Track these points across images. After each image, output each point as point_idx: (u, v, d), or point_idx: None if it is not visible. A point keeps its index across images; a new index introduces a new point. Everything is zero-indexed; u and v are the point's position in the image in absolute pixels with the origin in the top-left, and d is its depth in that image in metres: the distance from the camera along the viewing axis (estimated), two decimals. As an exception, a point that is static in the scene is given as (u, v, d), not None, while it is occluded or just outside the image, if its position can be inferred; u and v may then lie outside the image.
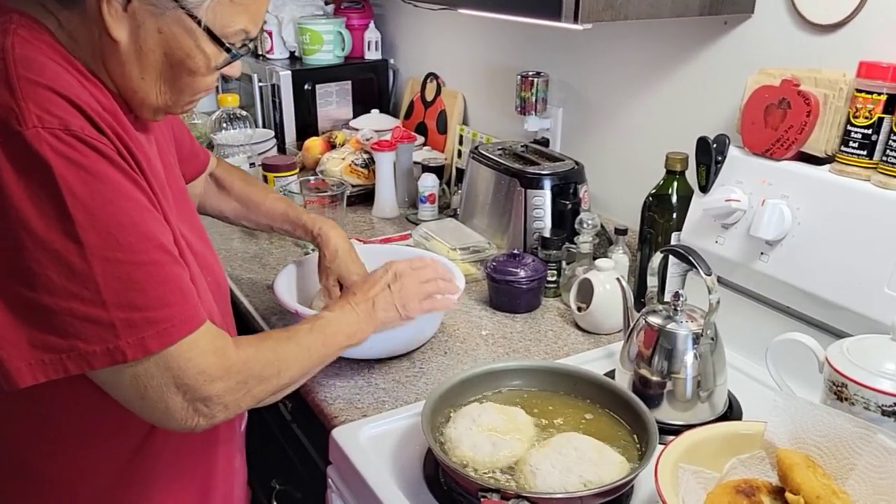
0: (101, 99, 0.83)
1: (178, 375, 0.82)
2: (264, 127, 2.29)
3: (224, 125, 1.99)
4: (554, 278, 1.50)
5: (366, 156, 2.00)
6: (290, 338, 0.99)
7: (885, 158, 1.05)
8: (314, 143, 2.13)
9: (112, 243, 0.77)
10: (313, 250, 1.65)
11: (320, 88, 2.26)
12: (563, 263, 1.50)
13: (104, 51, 0.84)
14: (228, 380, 0.86)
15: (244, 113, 2.03)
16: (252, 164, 1.94)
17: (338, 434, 1.08)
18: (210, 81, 0.91)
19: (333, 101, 2.29)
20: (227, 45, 0.87)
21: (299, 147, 2.19)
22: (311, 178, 1.87)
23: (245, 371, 0.89)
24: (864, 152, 1.07)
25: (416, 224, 1.78)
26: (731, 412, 1.12)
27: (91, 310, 0.76)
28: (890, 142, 1.04)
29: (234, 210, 1.38)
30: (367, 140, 2.00)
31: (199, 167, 1.30)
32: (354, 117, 2.29)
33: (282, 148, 2.23)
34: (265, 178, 1.90)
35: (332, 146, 2.13)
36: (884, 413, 0.91)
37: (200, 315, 0.85)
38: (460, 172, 1.87)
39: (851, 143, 1.08)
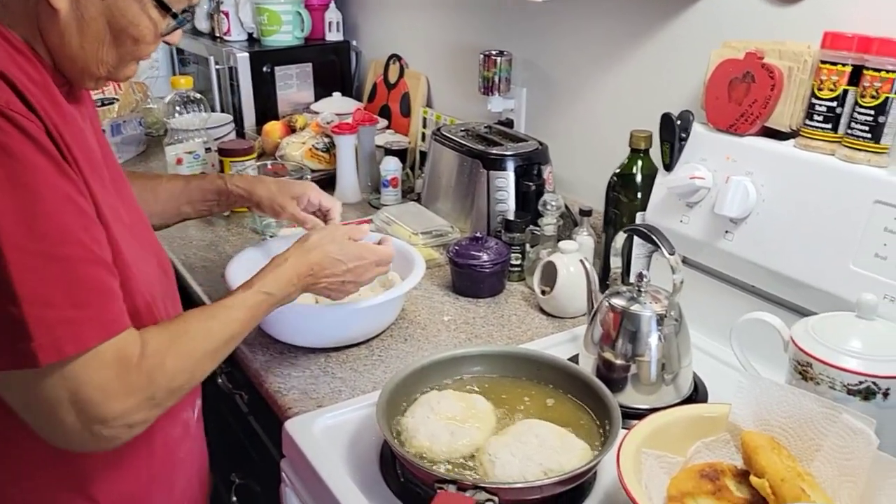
0: (30, 72, 0.79)
1: (76, 389, 0.74)
2: (222, 111, 2.22)
3: (178, 109, 1.93)
4: (518, 262, 1.46)
5: (327, 140, 1.95)
6: (213, 330, 0.89)
7: (849, 131, 1.02)
8: (274, 128, 2.07)
9: (26, 232, 0.71)
10: (272, 236, 1.60)
11: (279, 71, 2.20)
12: (527, 246, 1.46)
13: (41, 20, 0.79)
14: (129, 397, 0.78)
15: (198, 96, 1.96)
16: (208, 150, 1.88)
17: (291, 426, 1.04)
18: (152, 49, 0.87)
19: (294, 84, 2.23)
20: (173, 11, 0.84)
21: (258, 132, 2.13)
22: (269, 162, 1.81)
23: (151, 387, 0.80)
24: (829, 126, 1.05)
25: (379, 209, 1.74)
26: (697, 395, 1.09)
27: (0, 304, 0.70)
28: (855, 114, 1.01)
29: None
30: (328, 123, 1.94)
31: None
32: (316, 101, 2.23)
33: (240, 132, 2.17)
34: (221, 164, 1.84)
35: (292, 130, 2.07)
36: (849, 392, 0.88)
37: (122, 321, 0.78)
38: (424, 156, 1.82)
39: (816, 117, 1.06)
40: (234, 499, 1.42)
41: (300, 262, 1.03)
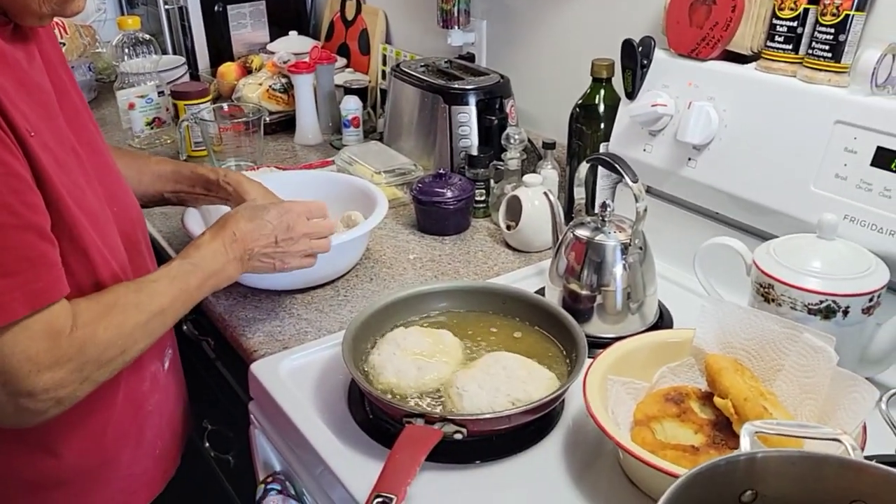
0: None
1: (1, 362, 0.71)
2: (174, 53, 2.15)
3: (128, 52, 1.85)
4: (482, 198, 1.45)
5: (284, 80, 1.90)
6: (142, 303, 0.85)
7: (810, 52, 1.01)
8: (229, 69, 2.00)
9: None
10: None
11: (232, 10, 2.12)
12: (492, 182, 1.45)
13: None
14: (59, 369, 0.75)
15: (147, 37, 1.88)
16: (161, 93, 1.82)
17: (257, 368, 1.03)
18: None
19: (248, 24, 2.16)
20: None
21: (213, 74, 2.07)
22: (225, 105, 1.76)
23: (80, 358, 0.77)
24: (790, 46, 1.03)
25: (341, 149, 1.70)
26: (662, 322, 1.10)
27: None
28: (815, 34, 1.00)
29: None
30: (285, 63, 1.89)
31: None
32: (271, 40, 2.16)
33: (194, 75, 2.10)
34: (175, 107, 1.79)
35: (248, 71, 2.01)
36: (810, 312, 0.89)
37: (55, 290, 0.75)
38: (385, 94, 1.78)
39: (777, 38, 1.04)
40: (207, 445, 1.42)
41: (220, 230, 0.97)
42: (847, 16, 0.97)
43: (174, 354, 1.10)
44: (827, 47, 0.99)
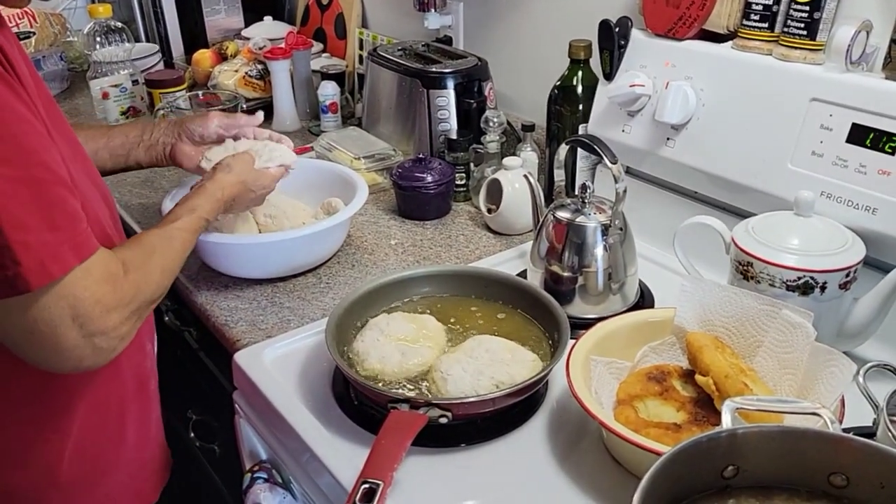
0: None
1: (74, 306, 0.75)
2: (147, 41, 2.12)
3: (100, 40, 1.82)
4: (463, 181, 1.45)
5: (260, 66, 1.88)
6: (174, 249, 0.94)
7: (785, 29, 1.01)
8: (203, 56, 1.98)
9: None
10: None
11: (205, -5, 2.09)
12: (472, 165, 1.44)
13: None
14: (123, 309, 0.80)
15: (119, 25, 1.86)
16: (135, 82, 1.79)
17: (240, 358, 1.02)
18: None
19: (221, 10, 2.13)
20: None
21: (188, 61, 2.04)
22: (201, 92, 1.74)
23: (138, 299, 0.83)
24: (766, 25, 1.04)
25: (319, 136, 1.69)
26: (643, 301, 1.11)
27: None
28: (791, 11, 1.00)
29: None
30: (260, 49, 1.87)
31: None
32: (246, 26, 2.13)
33: (169, 63, 2.07)
34: (150, 96, 1.76)
35: (223, 58, 1.98)
36: (788, 288, 0.90)
37: (93, 241, 0.78)
38: (363, 79, 1.77)
39: (753, 16, 1.05)
40: (192, 435, 1.42)
41: (230, 195, 1.06)
42: (821, -7, 0.97)
43: (155, 342, 1.10)
44: (802, 25, 0.99)
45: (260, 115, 1.23)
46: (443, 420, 0.83)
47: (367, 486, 0.72)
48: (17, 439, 0.88)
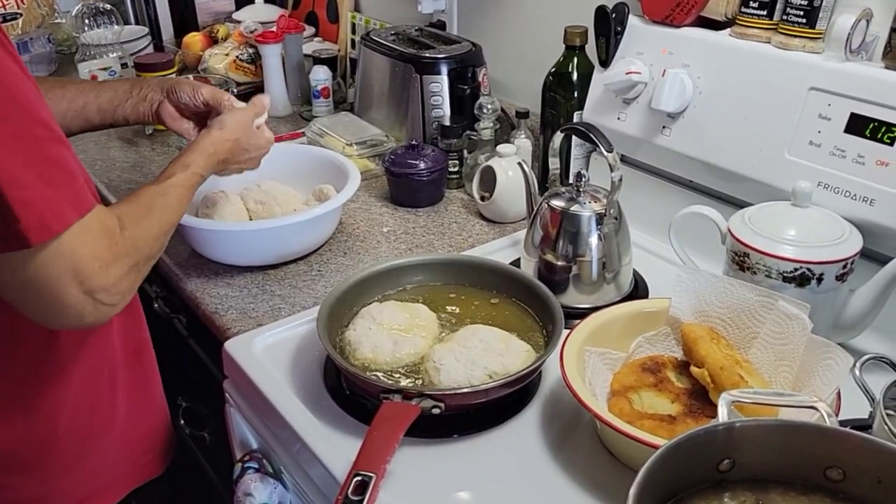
0: None
1: (75, 262, 0.75)
2: (137, 23, 2.09)
3: (88, 22, 1.79)
4: (456, 168, 1.43)
5: (251, 50, 1.85)
6: (171, 204, 0.92)
7: (784, 17, 1.00)
8: (194, 40, 1.95)
9: None
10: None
11: (196, -23, 2.06)
12: (465, 152, 1.43)
13: None
14: (121, 265, 0.80)
15: (108, 7, 1.83)
16: (124, 65, 1.77)
17: (231, 347, 1.01)
18: None
19: (212, -9, 2.10)
20: None
21: (178, 44, 2.01)
22: (191, 76, 1.71)
23: (136, 254, 0.83)
24: (764, 12, 1.02)
25: (311, 121, 1.67)
26: (638, 291, 1.10)
27: None
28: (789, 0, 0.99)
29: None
30: (251, 32, 1.84)
31: None
32: (237, 9, 2.11)
33: (159, 46, 2.04)
34: (139, 80, 1.74)
35: (213, 41, 1.96)
36: (785, 279, 0.90)
37: (89, 197, 0.78)
38: (355, 63, 1.75)
39: (751, 4, 1.03)
40: (182, 422, 1.41)
41: (222, 150, 1.04)
42: (821, -20, 0.96)
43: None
44: (801, 13, 0.98)
45: (266, 100, 1.17)
46: (435, 411, 0.82)
47: (359, 478, 0.71)
48: (15, 399, 0.89)
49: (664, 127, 1.13)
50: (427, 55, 1.48)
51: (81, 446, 0.95)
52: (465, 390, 0.84)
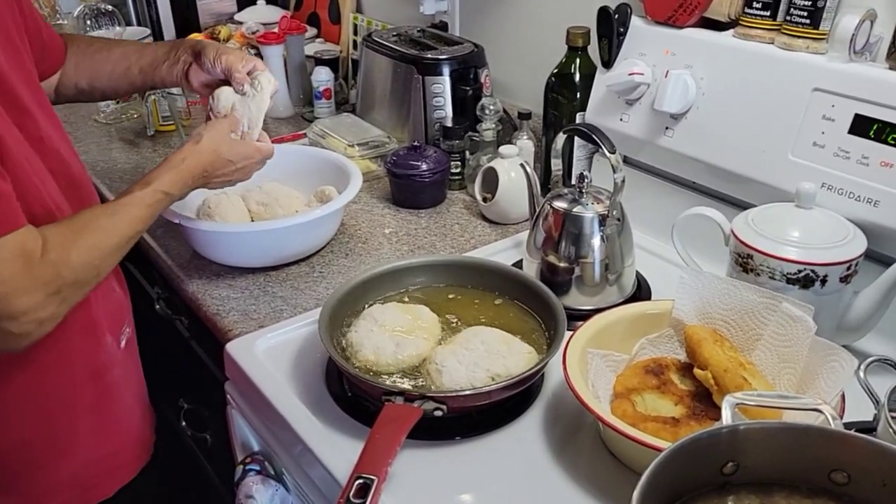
0: None
1: None
2: (139, 25, 2.08)
3: (90, 23, 1.79)
4: (458, 170, 1.43)
5: (253, 51, 1.84)
6: (118, 227, 0.87)
7: (788, 18, 1.00)
8: (195, 41, 1.95)
9: None
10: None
11: (197, -21, 2.06)
12: (467, 153, 1.43)
13: None
14: (36, 292, 0.76)
15: (111, 8, 1.83)
16: (126, 66, 1.76)
17: (232, 348, 1.01)
18: None
19: (213, -7, 2.10)
20: None
21: (180, 45, 2.01)
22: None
23: (58, 280, 0.79)
24: (768, 13, 1.02)
25: (313, 122, 1.67)
26: (640, 293, 1.10)
27: None
28: (793, 0, 0.99)
29: (85, 72, 1.13)
30: (253, 34, 1.84)
31: (58, 59, 1.10)
32: (239, 10, 2.11)
33: (160, 47, 2.04)
34: (141, 81, 1.73)
35: (215, 42, 1.95)
36: (789, 281, 0.89)
37: (13, 221, 0.75)
38: (357, 64, 1.75)
39: (755, 4, 1.03)
40: (184, 424, 1.41)
41: (196, 164, 0.99)
42: (825, -19, 0.96)
43: (131, 335, 1.07)
44: (805, 13, 0.98)
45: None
46: (438, 413, 0.81)
47: (361, 481, 0.71)
48: None
49: (667, 128, 1.13)
50: (429, 56, 1.48)
51: (37, 463, 0.93)
52: (468, 392, 0.84)
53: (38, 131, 0.89)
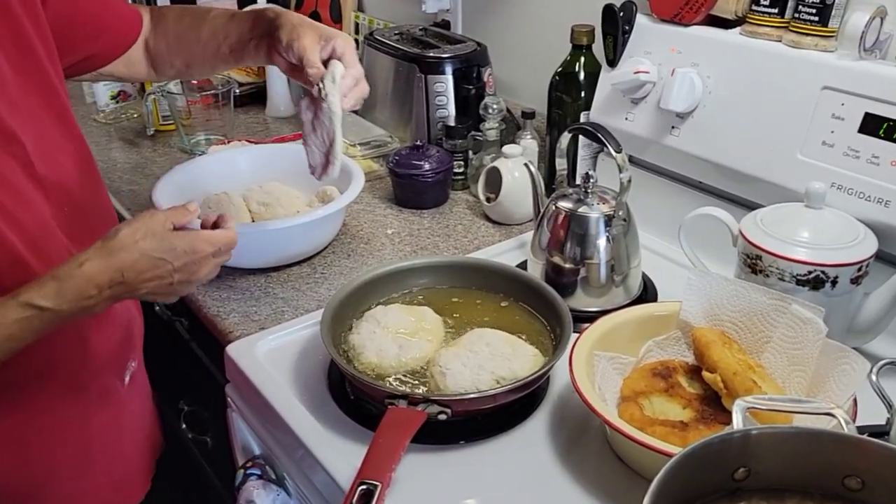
0: None
1: None
2: (139, 24, 2.07)
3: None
4: (461, 169, 1.42)
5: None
6: None
7: (796, 15, 0.98)
8: (196, 40, 1.94)
9: None
10: (201, 154, 1.52)
11: (198, -22, 2.05)
12: (470, 153, 1.41)
13: None
14: None
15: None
16: (126, 66, 1.75)
17: (233, 350, 0.99)
18: None
19: (214, -8, 2.09)
20: None
21: (180, 45, 2.00)
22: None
23: None
24: (776, 10, 1.01)
25: (314, 121, 1.66)
26: (647, 294, 1.09)
27: None
28: (802, -4, 0.97)
29: (175, 53, 1.03)
30: (254, 33, 1.82)
31: (122, 40, 0.99)
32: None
33: (160, 46, 2.03)
34: (142, 85, 1.73)
35: (216, 42, 1.94)
36: (798, 283, 0.88)
37: None
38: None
39: (762, 2, 1.01)
40: (184, 426, 1.39)
41: (103, 268, 0.76)
42: (834, -22, 0.94)
43: (138, 366, 1.03)
44: (814, 11, 0.96)
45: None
46: (442, 416, 0.80)
47: (364, 486, 0.70)
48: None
49: (673, 127, 1.12)
50: (431, 55, 1.46)
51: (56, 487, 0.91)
52: (473, 396, 0.83)
53: (25, 156, 0.81)
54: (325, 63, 0.91)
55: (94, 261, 0.76)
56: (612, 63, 1.18)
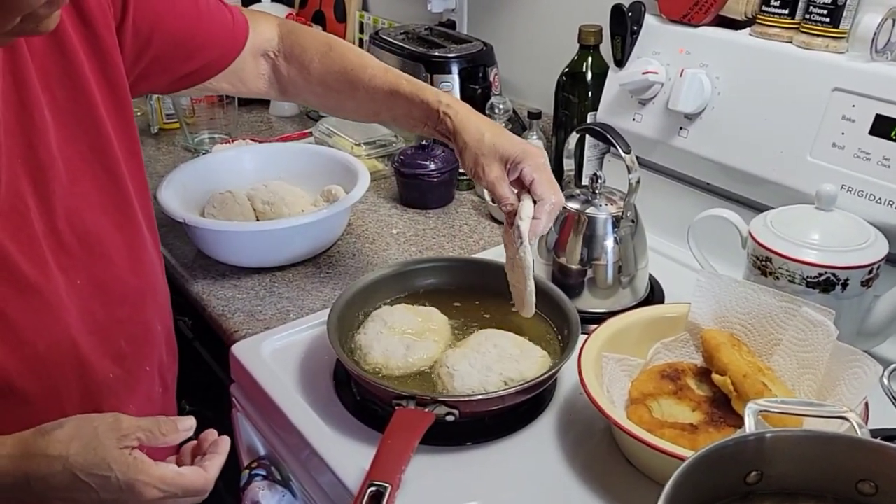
0: None
1: None
2: (143, 22, 2.06)
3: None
4: (466, 169, 1.41)
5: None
6: None
7: (807, 16, 0.98)
8: (200, 38, 1.93)
9: None
10: (205, 153, 1.51)
11: (202, -24, 2.04)
12: (476, 153, 1.40)
13: None
14: None
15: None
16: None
17: (238, 350, 0.99)
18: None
19: (218, -10, 2.08)
20: None
21: (184, 43, 1.99)
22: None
23: None
24: (786, 11, 1.00)
25: (318, 120, 1.65)
26: (654, 296, 1.08)
27: None
28: (813, -3, 0.97)
29: (319, 99, 1.02)
30: (258, 31, 1.82)
31: (228, 52, 0.95)
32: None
33: (164, 45, 2.02)
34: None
35: (220, 40, 1.93)
36: (809, 285, 0.87)
37: None
38: (363, 62, 1.73)
39: (773, 2, 1.01)
40: (186, 426, 1.39)
41: (9, 468, 0.65)
42: (846, -21, 0.94)
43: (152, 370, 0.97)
44: (825, 12, 0.96)
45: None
46: (450, 418, 0.79)
47: (374, 488, 0.69)
48: None
49: (681, 128, 1.11)
50: (437, 54, 1.46)
51: None
52: (481, 397, 0.82)
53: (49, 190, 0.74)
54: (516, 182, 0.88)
55: (3, 457, 0.64)
56: (620, 63, 1.18)
